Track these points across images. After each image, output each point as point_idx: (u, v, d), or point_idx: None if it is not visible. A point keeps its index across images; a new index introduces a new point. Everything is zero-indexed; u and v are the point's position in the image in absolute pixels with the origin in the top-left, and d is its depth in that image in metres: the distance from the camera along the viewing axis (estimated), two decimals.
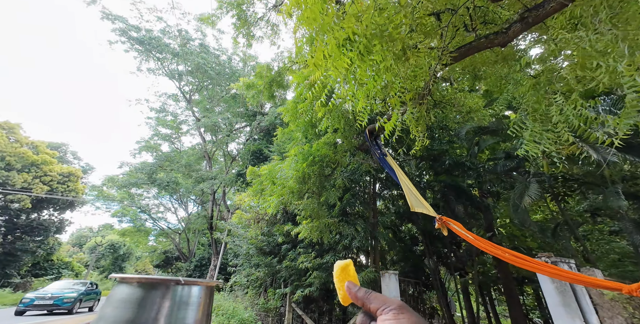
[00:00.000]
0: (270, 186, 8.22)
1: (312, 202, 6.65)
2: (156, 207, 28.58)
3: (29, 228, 25.59)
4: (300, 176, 6.56)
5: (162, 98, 18.26)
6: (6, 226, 24.62)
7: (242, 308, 9.92)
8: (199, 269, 24.27)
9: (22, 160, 21.38)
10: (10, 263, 24.57)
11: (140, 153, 19.42)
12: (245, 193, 8.87)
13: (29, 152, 22.12)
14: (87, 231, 50.54)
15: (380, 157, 5.76)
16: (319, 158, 6.61)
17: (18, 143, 22.17)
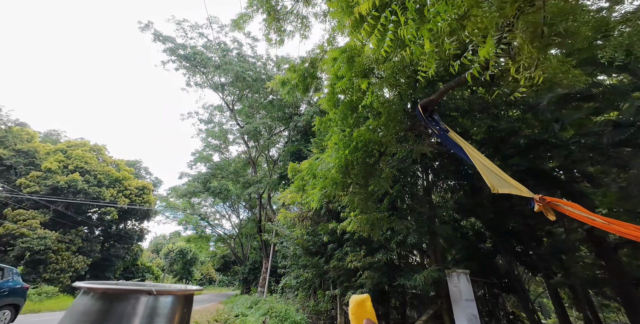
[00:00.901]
0: (311, 181, 7.62)
1: (359, 193, 5.81)
2: (213, 215, 30.54)
3: (118, 237, 28.93)
4: (342, 165, 5.81)
5: (209, 109, 19.59)
6: (103, 236, 28.26)
7: (294, 310, 9.32)
8: (253, 272, 24.75)
9: (109, 177, 24.57)
10: (107, 267, 27.75)
11: (196, 164, 20.88)
12: (288, 190, 8.39)
13: (113, 170, 25.38)
14: (162, 239, 56.14)
15: (441, 134, 4.74)
16: (362, 143, 5.79)
17: (105, 162, 25.67)
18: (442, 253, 9.15)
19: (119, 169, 26.70)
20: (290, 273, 12.63)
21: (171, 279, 47.15)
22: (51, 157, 22.57)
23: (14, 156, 21.69)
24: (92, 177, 23.67)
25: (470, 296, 6.13)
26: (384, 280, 7.37)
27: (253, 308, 14.52)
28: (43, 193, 21.04)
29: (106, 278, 28.13)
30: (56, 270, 21.59)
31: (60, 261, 21.96)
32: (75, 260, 23.00)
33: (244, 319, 11.40)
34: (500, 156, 7.64)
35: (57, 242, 21.90)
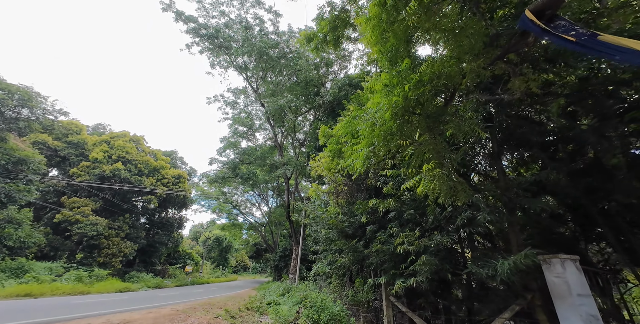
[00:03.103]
0: (351, 141, 5.94)
1: (429, 143, 4.02)
2: (244, 203, 30.18)
3: (161, 224, 29.62)
4: (399, 107, 4.06)
5: (234, 93, 18.56)
6: (148, 223, 29.06)
7: (331, 300, 7.77)
8: (284, 259, 23.82)
9: (148, 166, 24.89)
10: (152, 253, 28.50)
11: (225, 151, 20.22)
12: (321, 154, 6.77)
13: (151, 159, 25.72)
14: (200, 227, 58.00)
15: (582, 41, 2.87)
16: (428, 76, 4.00)
17: (143, 152, 26.09)
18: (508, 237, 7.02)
19: (156, 158, 27.06)
20: (322, 259, 11.14)
21: (209, 265, 48.31)
22: (97, 147, 23.22)
23: (66, 148, 22.58)
24: (133, 166, 24.07)
25: (585, 291, 4.12)
26: (446, 267, 5.52)
27: (285, 295, 13.35)
28: (92, 181, 21.64)
29: (153, 263, 28.88)
30: (108, 255, 22.22)
31: (112, 246, 22.58)
32: (124, 246, 23.57)
33: (276, 308, 10.16)
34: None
35: (107, 228, 22.53)
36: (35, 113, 15.56)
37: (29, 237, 16.95)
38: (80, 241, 21.41)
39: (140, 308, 9.30)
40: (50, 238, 20.44)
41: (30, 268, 15.86)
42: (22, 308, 8.71)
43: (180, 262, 34.76)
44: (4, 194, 16.93)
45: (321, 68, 14.39)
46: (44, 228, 20.66)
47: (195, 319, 7.12)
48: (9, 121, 14.77)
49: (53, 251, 20.74)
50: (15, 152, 16.23)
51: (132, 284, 18.98)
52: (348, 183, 7.22)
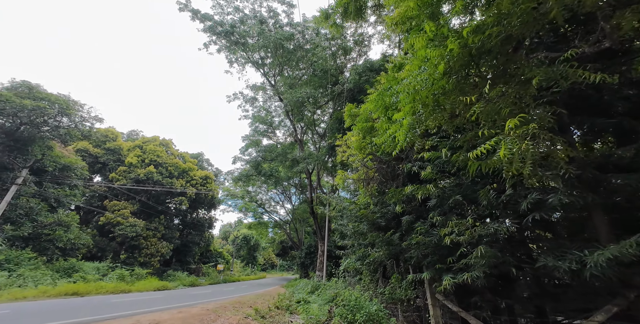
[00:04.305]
0: (383, 117, 5.04)
1: (507, 96, 3.06)
2: (268, 202, 30.05)
3: (193, 225, 30.15)
4: (456, 56, 3.15)
5: (253, 89, 18.30)
6: (181, 224, 29.75)
7: (366, 299, 6.86)
8: (309, 256, 23.16)
9: (177, 168, 25.47)
10: (187, 253, 29.03)
11: (247, 150, 20.05)
12: (350, 134, 5.92)
13: (180, 162, 26.31)
14: (228, 227, 59.18)
15: None
16: (494, 18, 3.06)
17: (172, 155, 26.78)
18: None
19: (184, 161, 27.66)
20: (350, 255, 10.24)
21: (239, 263, 48.95)
22: (131, 152, 24.10)
23: (105, 154, 23.68)
24: (164, 169, 24.71)
25: None
26: (509, 260, 4.43)
27: (314, 293, 12.62)
28: (129, 185, 22.44)
29: (187, 262, 29.39)
30: (148, 255, 22.79)
31: (150, 246, 23.16)
32: (161, 246, 24.11)
33: (306, 307, 9.43)
34: None
35: (145, 229, 23.17)
36: (74, 121, 16.26)
37: (77, 239, 17.61)
38: (123, 242, 22.18)
39: (172, 307, 9.04)
40: (97, 239, 21.32)
41: (80, 268, 16.45)
42: (64, 307, 8.78)
43: (212, 261, 35.24)
44: (54, 199, 17.86)
45: (338, 58, 13.58)
46: (91, 230, 21.61)
47: (225, 320, 6.57)
48: (52, 129, 15.54)
49: (100, 251, 21.59)
50: (60, 159, 17.10)
51: (169, 283, 19.22)
52: (381, 166, 6.30)
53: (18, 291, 11.04)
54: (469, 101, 3.29)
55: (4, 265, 12.86)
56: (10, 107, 13.42)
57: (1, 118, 14.09)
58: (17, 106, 13.58)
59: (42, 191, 16.66)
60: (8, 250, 13.45)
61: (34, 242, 15.47)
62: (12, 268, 13.02)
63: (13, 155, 14.78)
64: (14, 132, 14.66)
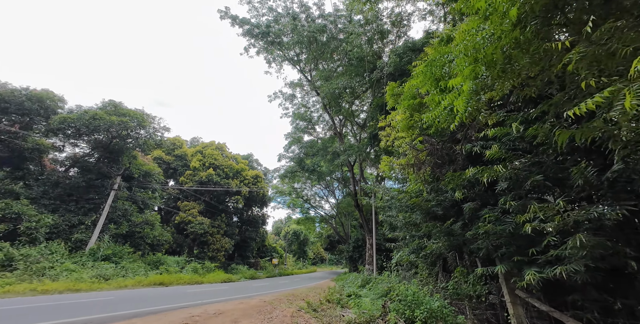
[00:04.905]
0: (434, 91, 4.39)
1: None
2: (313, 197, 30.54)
3: (249, 222, 32.35)
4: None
5: (291, 86, 18.60)
6: (239, 221, 32.23)
7: (426, 294, 6.20)
8: (357, 250, 22.66)
9: (232, 169, 27.64)
10: (246, 248, 31.18)
11: (290, 147, 20.56)
12: (394, 113, 5.36)
13: (233, 163, 28.50)
14: (280, 223, 62.13)
15: None
16: None
17: (227, 157, 29.14)
18: None
19: (237, 162, 29.83)
20: (403, 247, 9.52)
21: (291, 257, 51.02)
22: (194, 157, 26.99)
23: (174, 160, 27.02)
24: (221, 171, 27.03)
25: None
26: (624, 250, 3.38)
27: (365, 287, 12.18)
28: (194, 187, 25.19)
29: (247, 257, 31.35)
30: (214, 250, 25.07)
31: (216, 242, 25.46)
32: (224, 241, 26.25)
33: (358, 301, 9.09)
34: None
35: (210, 227, 25.53)
36: (148, 132, 18.84)
37: (161, 236, 20.16)
38: (195, 239, 24.88)
39: (235, 298, 9.53)
40: (175, 236, 24.23)
41: (164, 261, 18.53)
42: (153, 295, 9.93)
43: (267, 255, 37.11)
44: (141, 201, 21.04)
45: (375, 44, 12.77)
46: (170, 228, 24.61)
47: (280, 312, 6.69)
48: (134, 141, 18.31)
49: (178, 247, 24.36)
50: (142, 166, 20.05)
51: (232, 276, 20.67)
52: (434, 148, 5.56)
53: (121, 280, 12.82)
54: (559, 48, 2.53)
55: (112, 258, 15.10)
56: (104, 123, 16.21)
57: (98, 134, 17.14)
58: (108, 122, 16.33)
59: (132, 195, 19.78)
60: (113, 246, 15.91)
61: (130, 239, 18.02)
62: (117, 260, 15.27)
63: (109, 165, 17.91)
64: (108, 145, 17.74)
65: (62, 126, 15.92)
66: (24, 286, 9.72)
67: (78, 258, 13.84)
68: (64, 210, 15.47)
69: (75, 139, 17.54)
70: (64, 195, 16.01)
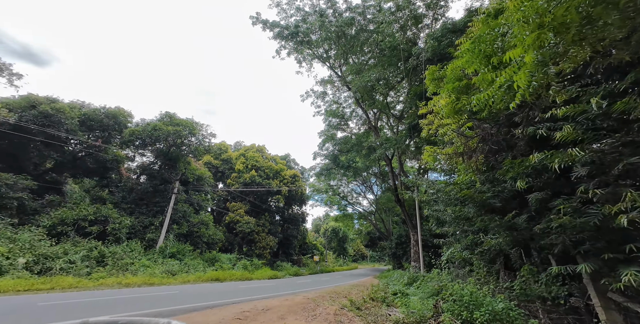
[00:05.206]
0: (484, 68, 3.89)
1: None
2: (350, 194, 30.17)
3: (290, 220, 33.27)
4: None
5: (322, 84, 18.49)
6: (281, 220, 33.51)
7: (486, 294, 5.60)
8: (401, 246, 21.72)
9: (272, 170, 28.92)
10: (288, 245, 31.99)
11: (324, 145, 20.55)
12: (437, 98, 4.91)
13: (273, 164, 29.75)
14: (318, 221, 63.02)
15: None
16: None
17: (267, 159, 30.53)
18: None
19: (276, 163, 31.04)
20: (454, 243, 8.78)
21: (331, 255, 51.29)
22: (238, 160, 28.87)
23: (221, 164, 29.27)
24: (262, 172, 28.43)
25: None
26: None
27: (412, 285, 11.55)
28: (240, 188, 26.98)
29: (290, 254, 32.21)
30: (260, 247, 26.29)
31: (261, 240, 26.70)
32: (269, 240, 27.33)
33: (405, 300, 8.66)
34: None
35: (256, 225, 26.92)
36: (198, 139, 20.71)
37: (214, 235, 21.73)
38: (243, 237, 26.52)
39: (280, 294, 9.81)
40: (226, 235, 26.08)
41: (219, 259, 19.31)
42: (210, 290, 10.74)
43: (309, 252, 37.78)
44: (196, 203, 23.28)
45: (409, 30, 11.89)
46: (222, 228, 26.50)
47: (323, 310, 6.69)
48: (187, 147, 20.31)
49: (230, 245, 26.07)
50: (195, 171, 22.15)
51: (278, 272, 21.44)
52: (488, 134, 4.96)
53: (185, 276, 13.89)
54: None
55: (176, 256, 16.70)
56: (162, 133, 18.30)
57: (159, 143, 19.44)
58: (165, 132, 18.37)
59: (189, 198, 22.01)
60: (177, 244, 17.65)
61: (190, 238, 19.82)
62: (181, 257, 16.84)
63: (169, 171, 20.21)
64: (167, 153, 20.01)
65: (131, 138, 18.42)
66: (112, 279, 11.29)
67: (151, 255, 15.59)
68: (138, 213, 17.90)
69: (142, 149, 20.17)
70: (137, 200, 18.54)
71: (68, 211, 14.16)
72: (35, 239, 11.72)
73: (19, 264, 10.21)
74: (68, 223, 13.76)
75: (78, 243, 13.25)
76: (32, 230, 12.22)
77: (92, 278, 11.21)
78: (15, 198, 12.65)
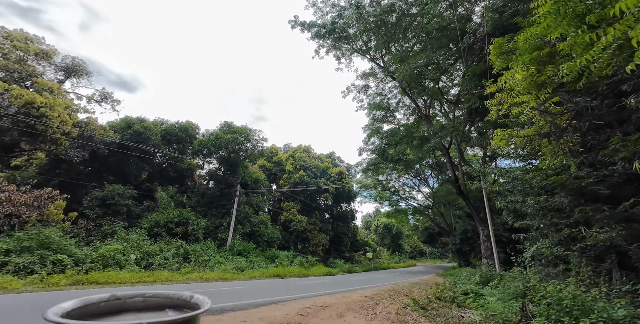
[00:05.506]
0: (574, 31, 3.25)
1: None
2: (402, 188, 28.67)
3: (339, 217, 33.55)
4: None
5: (363, 77, 17.86)
6: (331, 218, 34.09)
7: (596, 298, 4.70)
8: (467, 242, 19.71)
9: (318, 169, 29.75)
10: (340, 242, 32.22)
11: (370, 139, 19.96)
12: (509, 73, 4.28)
13: (319, 163, 30.53)
14: (368, 217, 61.89)
15: None
16: None
17: (313, 158, 31.45)
18: None
19: (322, 161, 31.67)
20: (539, 238, 7.58)
21: (385, 252, 49.72)
22: (287, 162, 30.45)
23: (273, 167, 31.26)
24: (310, 171, 29.37)
25: None
26: None
27: (487, 285, 10.43)
28: (291, 188, 28.43)
29: (342, 251, 32.45)
30: (313, 245, 27.11)
31: (314, 238, 27.56)
32: (321, 237, 28.00)
33: (481, 301, 7.87)
34: None
35: (307, 224, 27.87)
36: (253, 144, 22.56)
37: (272, 233, 23.15)
38: (298, 235, 27.77)
39: (337, 291, 9.85)
40: (283, 233, 27.58)
41: (278, 256, 20.35)
42: (273, 286, 11.07)
43: (361, 249, 37.31)
44: (255, 204, 25.41)
45: (461, 6, 10.59)
46: (278, 227, 27.95)
47: (383, 308, 6.47)
48: (244, 153, 22.31)
49: (286, 243, 27.32)
50: (252, 174, 24.19)
51: (332, 269, 21.77)
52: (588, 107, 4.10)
53: (251, 272, 14.92)
54: None
55: (243, 253, 18.22)
56: (223, 141, 20.40)
57: (221, 151, 21.82)
58: (225, 140, 20.43)
59: (249, 199, 24.19)
60: (243, 243, 19.30)
61: (252, 237, 21.53)
62: (246, 255, 17.75)
63: (231, 176, 22.55)
64: (228, 159, 22.33)
65: (200, 148, 21.06)
66: (196, 274, 12.63)
67: (222, 253, 17.40)
68: (210, 215, 20.46)
69: (209, 157, 22.95)
70: (209, 203, 21.22)
71: (160, 215, 17.05)
72: (140, 239, 14.26)
73: (131, 260, 12.45)
74: (160, 225, 16.55)
75: (169, 242, 15.61)
76: (137, 231, 15.04)
77: (181, 272, 13.00)
78: (124, 205, 15.86)
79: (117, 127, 18.33)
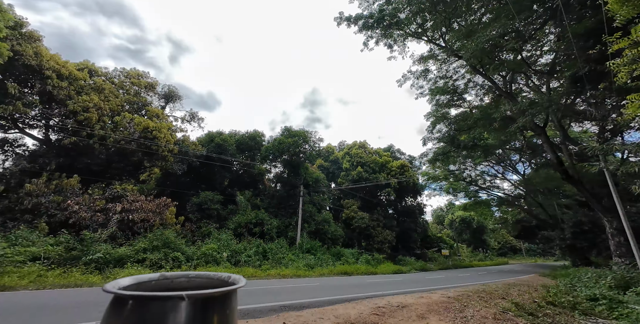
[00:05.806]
0: None
1: None
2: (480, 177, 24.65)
3: (405, 213, 31.65)
4: None
5: (422, 61, 16.02)
6: (395, 213, 32.46)
7: None
8: (582, 236, 15.49)
9: (376, 164, 28.69)
10: (408, 239, 30.33)
11: (435, 127, 17.85)
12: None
13: (377, 157, 29.41)
14: (440, 211, 56.14)
15: None
16: None
17: (370, 153, 30.62)
18: None
19: (380, 156, 30.41)
20: None
21: (465, 248, 44.18)
22: (344, 159, 30.51)
23: (330, 165, 31.86)
24: (367, 167, 28.63)
25: None
26: None
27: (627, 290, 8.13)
28: (350, 185, 28.33)
29: (411, 248, 30.47)
30: (378, 242, 26.10)
31: (378, 234, 26.59)
32: (386, 234, 26.77)
33: (625, 311, 6.17)
34: None
35: (370, 220, 27.13)
36: (310, 145, 23.58)
37: (335, 231, 23.58)
38: (361, 233, 27.30)
39: (412, 290, 9.22)
40: (345, 231, 27.65)
41: (343, 254, 20.36)
42: (343, 284, 11.33)
43: (434, 246, 34.36)
44: (318, 203, 26.33)
45: None
46: (340, 224, 27.99)
47: (475, 312, 5.53)
48: (303, 154, 23.50)
49: (349, 240, 27.10)
50: (312, 174, 25.23)
51: (402, 267, 20.69)
52: None
53: (320, 269, 15.32)
54: None
55: (310, 251, 18.18)
56: (285, 145, 22.00)
57: (284, 155, 23.55)
58: (287, 144, 21.97)
59: (312, 199, 25.28)
60: (310, 241, 20.09)
61: (317, 235, 22.24)
62: (314, 252, 18.21)
63: (294, 177, 24.04)
64: (290, 162, 23.93)
65: (266, 154, 23.24)
66: (274, 270, 13.55)
67: (294, 251, 18.40)
68: (280, 215, 22.22)
69: (274, 162, 25.15)
70: (278, 204, 23.14)
71: (241, 217, 19.46)
72: (229, 238, 16.47)
73: (224, 257, 14.39)
74: (242, 226, 18.87)
75: (250, 241, 17.57)
76: (226, 232, 17.52)
77: (262, 269, 14.25)
78: (214, 209, 18.77)
79: (203, 142, 21.91)
